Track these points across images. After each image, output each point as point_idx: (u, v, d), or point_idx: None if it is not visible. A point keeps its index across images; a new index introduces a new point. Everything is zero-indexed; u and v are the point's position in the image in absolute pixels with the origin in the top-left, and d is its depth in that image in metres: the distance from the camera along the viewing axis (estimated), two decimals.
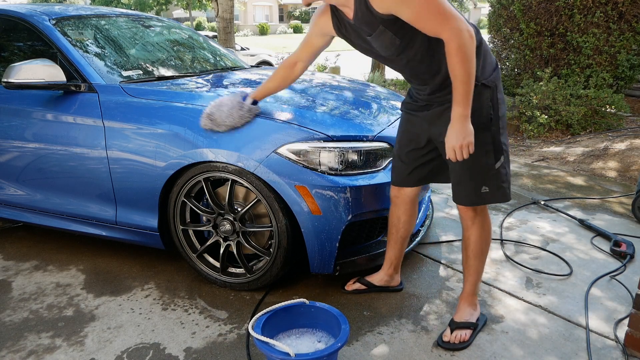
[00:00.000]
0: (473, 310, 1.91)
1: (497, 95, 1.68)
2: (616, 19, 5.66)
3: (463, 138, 1.55)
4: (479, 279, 1.89)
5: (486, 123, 1.64)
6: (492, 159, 1.67)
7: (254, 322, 1.66)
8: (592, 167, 4.21)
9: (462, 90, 1.50)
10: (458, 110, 1.53)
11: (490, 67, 1.66)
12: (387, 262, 2.15)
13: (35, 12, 2.54)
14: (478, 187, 1.69)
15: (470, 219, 1.79)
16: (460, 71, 1.48)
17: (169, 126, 2.08)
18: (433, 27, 1.47)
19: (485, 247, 1.84)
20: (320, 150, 1.96)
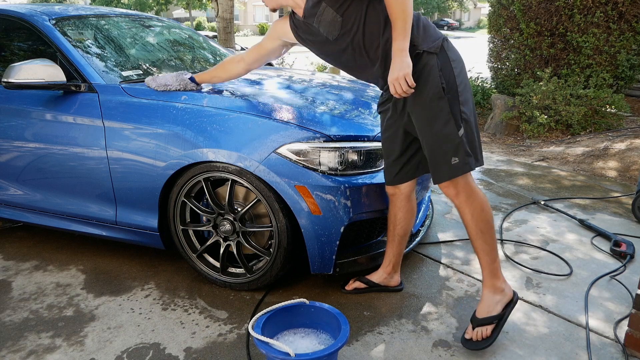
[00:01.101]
0: (498, 296, 1.81)
1: (450, 64, 1.71)
2: (616, 19, 5.66)
3: (400, 70, 1.62)
4: (492, 260, 1.79)
5: (438, 92, 1.67)
6: (453, 127, 1.68)
7: (254, 322, 1.66)
8: (592, 167, 4.21)
9: (399, 25, 1.61)
10: (395, 44, 1.63)
11: (431, 37, 1.72)
12: (386, 260, 2.15)
13: (35, 12, 2.54)
14: (448, 159, 1.69)
15: (454, 196, 1.76)
16: (395, 7, 1.60)
17: (168, 126, 2.08)
18: None
19: (483, 226, 1.76)
20: (320, 150, 1.96)
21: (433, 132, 1.69)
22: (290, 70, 3.42)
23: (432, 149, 1.72)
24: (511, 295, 1.84)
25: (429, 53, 1.69)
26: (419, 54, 1.68)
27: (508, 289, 1.85)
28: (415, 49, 1.68)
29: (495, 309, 1.81)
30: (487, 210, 1.78)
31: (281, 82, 2.78)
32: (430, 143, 1.72)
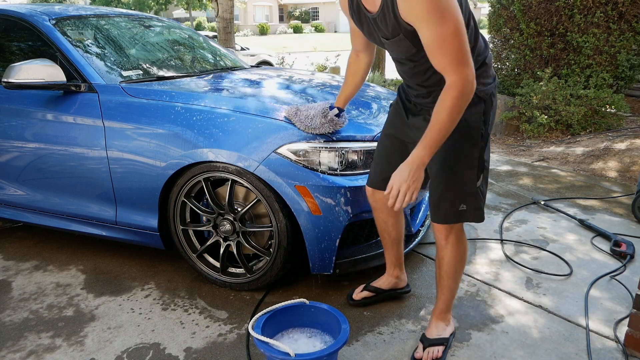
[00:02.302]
0: (446, 325, 1.83)
1: (490, 110, 1.61)
2: (616, 19, 5.66)
3: (412, 181, 1.45)
4: (452, 297, 1.81)
5: (475, 137, 1.57)
6: (474, 175, 1.60)
7: (254, 322, 1.66)
8: (592, 167, 4.21)
9: (435, 135, 1.42)
10: (420, 152, 1.45)
11: (487, 79, 1.59)
12: (390, 265, 2.10)
13: (35, 12, 2.54)
14: (457, 204, 1.62)
15: (444, 237, 1.70)
16: (445, 118, 1.40)
17: (169, 126, 2.08)
18: (442, 63, 1.39)
19: (459, 268, 1.76)
20: (320, 150, 1.96)
21: (454, 174, 1.59)
22: (290, 70, 3.42)
23: (445, 189, 1.62)
24: (454, 328, 1.88)
25: (479, 97, 1.55)
26: None
27: (452, 320, 1.90)
28: None
29: (444, 333, 1.82)
30: (466, 255, 1.79)
31: (281, 82, 2.78)
32: (445, 182, 1.62)
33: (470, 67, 1.38)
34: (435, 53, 1.39)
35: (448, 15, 1.33)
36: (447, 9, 1.33)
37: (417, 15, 1.36)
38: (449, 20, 1.33)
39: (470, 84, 1.39)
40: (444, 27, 1.33)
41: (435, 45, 1.37)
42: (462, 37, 1.35)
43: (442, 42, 1.35)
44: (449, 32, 1.34)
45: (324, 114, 1.96)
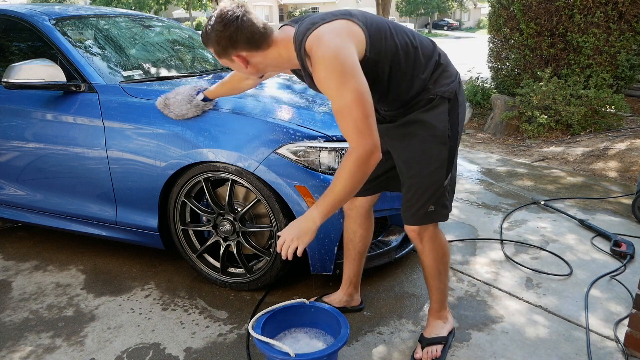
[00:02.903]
0: (444, 323, 1.84)
1: (457, 109, 1.61)
2: (616, 19, 5.66)
3: (297, 237, 1.47)
4: (443, 295, 1.81)
5: (443, 138, 1.58)
6: (442, 175, 1.61)
7: (254, 322, 1.66)
8: (592, 167, 4.21)
9: (331, 201, 1.43)
10: (313, 213, 1.45)
11: (447, 79, 1.59)
12: (346, 281, 2.02)
13: (35, 12, 2.54)
14: (424, 205, 1.63)
15: (419, 240, 1.70)
16: (342, 185, 1.41)
17: (168, 126, 2.08)
18: (348, 131, 1.39)
19: (442, 267, 1.75)
20: (320, 150, 1.96)
21: (422, 175, 1.60)
22: None
23: (414, 190, 1.63)
24: (453, 323, 1.88)
25: (442, 97, 1.57)
26: (431, 99, 1.57)
27: (451, 317, 1.89)
28: (428, 93, 1.56)
29: (442, 332, 1.82)
30: (447, 254, 1.77)
31: (281, 82, 2.78)
32: (413, 183, 1.62)
33: (370, 137, 1.38)
34: (339, 121, 1.41)
35: (344, 86, 1.35)
36: (345, 80, 1.35)
37: (321, 86, 1.42)
38: (346, 91, 1.35)
39: (370, 153, 1.38)
40: (343, 98, 1.36)
41: (337, 114, 1.40)
42: (362, 108, 1.36)
43: (342, 112, 1.38)
44: (347, 102, 1.36)
45: (190, 99, 2.03)
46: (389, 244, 2.21)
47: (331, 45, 1.36)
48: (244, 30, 1.41)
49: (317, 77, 1.41)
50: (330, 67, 1.36)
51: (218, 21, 1.41)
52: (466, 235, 2.81)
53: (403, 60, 1.51)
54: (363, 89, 1.37)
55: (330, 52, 1.35)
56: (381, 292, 2.23)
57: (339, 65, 1.35)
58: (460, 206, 3.27)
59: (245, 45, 1.43)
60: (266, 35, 1.45)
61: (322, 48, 1.37)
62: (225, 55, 1.46)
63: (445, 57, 1.63)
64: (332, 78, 1.36)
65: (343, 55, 1.36)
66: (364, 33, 1.44)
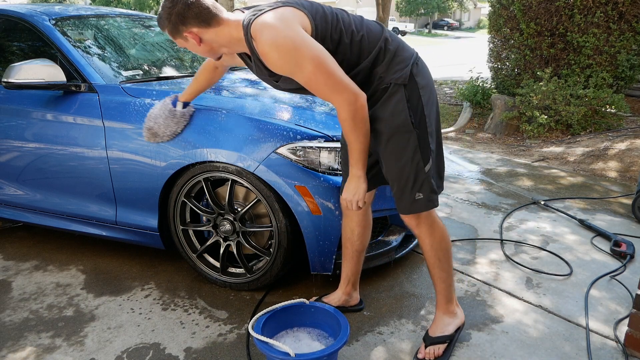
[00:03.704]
0: (450, 319, 1.81)
1: (418, 92, 1.59)
2: (616, 19, 5.66)
3: (353, 195, 1.63)
4: (447, 287, 1.79)
5: (406, 125, 1.57)
6: (420, 162, 1.60)
7: (254, 322, 1.66)
8: (592, 167, 4.21)
9: (356, 154, 1.57)
10: (353, 171, 1.61)
11: (399, 65, 1.57)
12: (344, 280, 2.02)
13: (35, 12, 2.54)
14: (413, 194, 1.62)
15: (415, 227, 1.71)
16: (351, 137, 1.53)
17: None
18: (324, 95, 1.50)
19: (442, 255, 1.74)
20: (320, 150, 1.96)
21: (399, 166, 1.61)
22: None
23: (397, 182, 1.64)
24: (463, 318, 1.86)
25: (397, 85, 1.56)
26: (386, 88, 1.57)
27: (460, 312, 1.86)
28: (381, 82, 1.57)
29: (447, 330, 1.80)
30: (446, 240, 1.76)
31: None
32: (394, 176, 1.63)
33: (347, 90, 1.47)
34: (312, 91, 1.51)
35: (302, 59, 1.42)
36: (299, 54, 1.42)
37: (279, 69, 1.49)
38: (304, 63, 1.43)
39: (352, 103, 1.48)
40: (305, 71, 1.44)
41: (308, 86, 1.49)
42: (325, 70, 1.44)
43: (310, 82, 1.47)
44: (310, 72, 1.44)
45: (172, 113, 2.01)
46: (389, 244, 2.21)
47: (276, 27, 1.42)
48: (192, 6, 1.47)
49: (271, 61, 1.46)
50: (281, 47, 1.42)
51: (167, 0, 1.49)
52: (466, 235, 2.81)
53: (349, 46, 1.54)
54: (319, 52, 1.44)
55: (277, 34, 1.42)
56: (381, 292, 2.23)
57: (287, 43, 1.41)
58: (460, 206, 3.27)
59: (194, 21, 1.49)
60: (215, 12, 1.51)
61: (268, 31, 1.42)
62: (178, 33, 1.52)
63: (395, 42, 1.61)
64: (286, 57, 1.43)
65: (289, 32, 1.42)
66: (310, 20, 1.49)
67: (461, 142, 5.35)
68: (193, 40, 1.53)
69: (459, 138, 5.61)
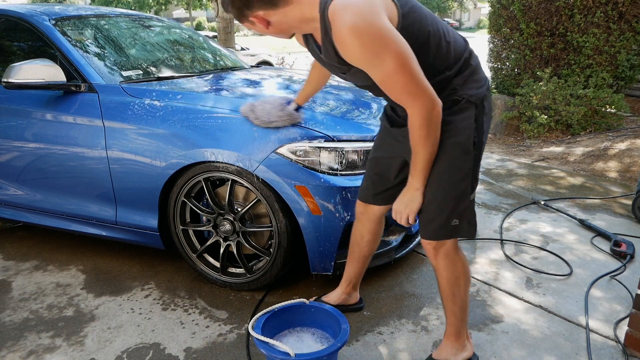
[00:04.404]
0: (457, 350, 1.69)
1: (483, 117, 1.49)
2: (616, 19, 5.66)
3: (406, 207, 1.52)
4: (458, 321, 1.66)
5: (467, 146, 1.45)
6: (468, 188, 1.49)
7: (254, 322, 1.66)
8: (592, 167, 4.21)
9: (420, 165, 1.44)
10: (412, 182, 1.49)
11: (476, 83, 1.48)
12: (346, 280, 2.00)
13: (35, 12, 2.54)
14: (449, 219, 1.50)
15: (433, 256, 1.58)
16: (420, 146, 1.40)
17: (168, 126, 2.08)
18: (398, 97, 1.35)
19: (456, 289, 1.60)
20: (320, 150, 1.96)
21: (445, 186, 1.47)
22: (290, 70, 3.42)
23: (435, 202, 1.49)
24: (472, 352, 1.71)
25: (470, 101, 1.44)
26: (457, 101, 1.44)
27: (470, 346, 1.72)
28: (454, 93, 1.44)
29: (454, 356, 1.68)
30: (466, 276, 1.62)
31: (281, 82, 2.78)
32: (436, 196, 1.49)
33: (425, 95, 1.33)
34: (386, 90, 1.36)
35: (385, 54, 1.26)
36: (384, 47, 1.26)
37: (354, 59, 1.32)
38: (387, 58, 1.27)
39: (429, 111, 1.34)
40: (384, 66, 1.28)
41: (383, 84, 1.34)
42: (408, 70, 1.29)
43: (388, 80, 1.32)
44: (390, 69, 1.28)
45: (281, 107, 1.95)
46: (389, 244, 2.21)
47: (361, 12, 1.24)
48: None
49: (348, 49, 1.29)
50: (364, 35, 1.24)
51: None
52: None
53: (433, 50, 1.39)
54: (404, 49, 1.27)
55: (360, 19, 1.23)
56: (381, 292, 2.23)
57: (372, 31, 1.24)
58: None
59: (259, 3, 1.33)
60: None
61: (350, 15, 1.24)
62: (244, 17, 1.37)
63: (476, 59, 1.51)
64: (367, 48, 1.26)
65: (375, 19, 1.24)
66: (397, 8, 1.32)
67: None
68: (259, 23, 1.38)
69: None
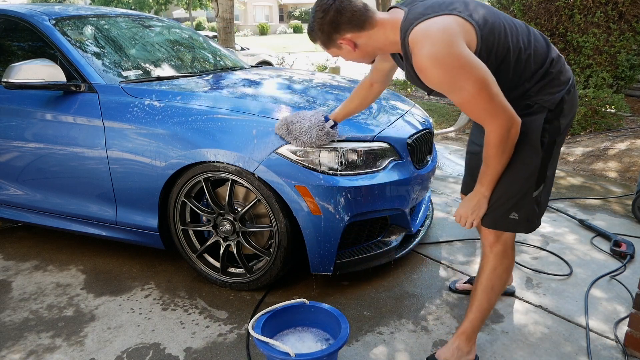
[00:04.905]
0: (463, 353, 1.70)
1: (559, 119, 1.48)
2: (616, 19, 5.66)
3: (472, 212, 1.57)
4: (481, 319, 1.68)
5: (536, 146, 1.47)
6: (532, 186, 1.52)
7: (254, 322, 1.66)
8: (592, 167, 4.21)
9: (490, 176, 1.50)
10: (481, 189, 1.54)
11: (554, 89, 1.47)
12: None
13: (35, 12, 2.54)
14: (507, 211, 1.54)
15: (490, 245, 1.62)
16: (493, 162, 1.45)
17: (168, 126, 2.08)
18: (478, 117, 1.40)
19: (497, 284, 1.64)
20: (320, 150, 1.96)
21: (509, 181, 1.51)
22: (290, 70, 3.42)
23: (498, 194, 1.54)
24: (474, 357, 1.74)
25: (542, 107, 1.46)
26: (529, 105, 1.46)
27: (474, 351, 1.74)
28: (528, 99, 1.46)
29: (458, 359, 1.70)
30: (510, 269, 1.67)
31: (281, 82, 2.78)
32: (500, 188, 1.52)
33: (505, 115, 1.36)
34: (466, 112, 1.41)
35: (464, 81, 1.31)
36: (463, 74, 1.30)
37: (434, 85, 1.38)
38: (466, 85, 1.31)
39: (507, 130, 1.38)
40: (464, 92, 1.33)
41: (462, 107, 1.39)
42: (487, 94, 1.33)
43: (467, 104, 1.36)
44: (470, 94, 1.33)
45: (321, 125, 1.91)
46: (389, 244, 2.21)
47: (440, 42, 1.30)
48: (344, 11, 1.39)
49: (428, 77, 1.35)
50: (442, 65, 1.30)
51: (317, 9, 1.42)
52: (466, 235, 2.81)
53: (512, 65, 1.42)
54: (483, 74, 1.31)
55: (439, 50, 1.29)
56: (381, 292, 2.23)
57: (450, 62, 1.29)
58: None
59: (348, 27, 1.41)
60: (368, 14, 1.42)
61: (429, 45, 1.30)
62: (332, 42, 1.45)
63: (559, 64, 1.49)
64: (446, 77, 1.32)
65: (453, 50, 1.29)
66: (475, 31, 1.36)
67: (461, 142, 5.35)
68: (347, 46, 1.46)
69: (459, 138, 5.60)
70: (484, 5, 1.45)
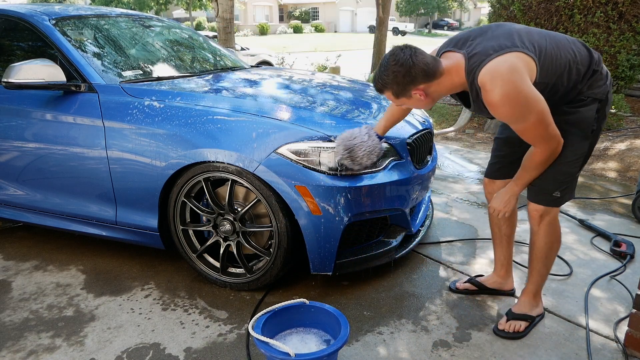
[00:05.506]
0: (533, 306, 1.94)
1: (606, 107, 1.69)
2: (616, 19, 5.66)
3: (504, 206, 1.82)
4: (542, 280, 1.91)
5: (587, 133, 1.68)
6: (577, 167, 1.71)
7: (254, 322, 1.66)
8: (592, 167, 4.21)
9: (527, 180, 1.73)
10: (514, 187, 1.78)
11: (600, 82, 1.65)
12: (497, 264, 2.15)
13: (35, 12, 2.54)
14: (553, 190, 1.73)
15: (537, 221, 1.81)
16: (532, 170, 1.69)
17: (168, 126, 2.08)
18: (532, 140, 1.62)
19: (550, 253, 1.86)
20: (320, 150, 1.96)
21: (559, 165, 1.69)
22: (290, 70, 3.42)
23: (548, 177, 1.72)
24: (542, 310, 1.98)
25: (594, 99, 1.65)
26: (582, 99, 1.64)
27: (542, 304, 1.98)
28: (581, 94, 1.63)
29: (531, 311, 1.93)
30: (559, 242, 1.88)
31: (281, 82, 2.78)
32: (550, 171, 1.71)
33: (554, 140, 1.60)
34: (522, 136, 1.62)
35: (528, 114, 1.51)
36: (528, 109, 1.50)
37: (502, 117, 1.59)
38: (529, 116, 1.52)
39: (553, 151, 1.63)
40: (526, 122, 1.54)
41: (521, 133, 1.61)
42: (544, 123, 1.54)
43: (527, 131, 1.58)
44: (531, 124, 1.54)
45: (380, 148, 1.97)
46: (389, 244, 2.21)
47: (510, 81, 1.47)
48: (420, 63, 1.51)
49: (498, 111, 1.54)
50: (512, 102, 1.49)
51: (393, 63, 1.52)
52: (466, 235, 2.81)
53: (566, 78, 1.60)
54: (542, 107, 1.52)
55: (510, 89, 1.48)
56: (381, 292, 2.23)
57: (520, 99, 1.49)
58: (460, 206, 3.27)
59: (422, 79, 1.54)
60: (437, 64, 1.56)
61: (501, 84, 1.47)
62: (405, 93, 1.57)
63: (598, 62, 1.66)
64: (514, 111, 1.52)
65: (522, 87, 1.48)
66: (535, 63, 1.54)
67: (461, 142, 5.35)
68: (419, 96, 1.58)
69: (459, 138, 5.61)
70: (532, 32, 1.61)
